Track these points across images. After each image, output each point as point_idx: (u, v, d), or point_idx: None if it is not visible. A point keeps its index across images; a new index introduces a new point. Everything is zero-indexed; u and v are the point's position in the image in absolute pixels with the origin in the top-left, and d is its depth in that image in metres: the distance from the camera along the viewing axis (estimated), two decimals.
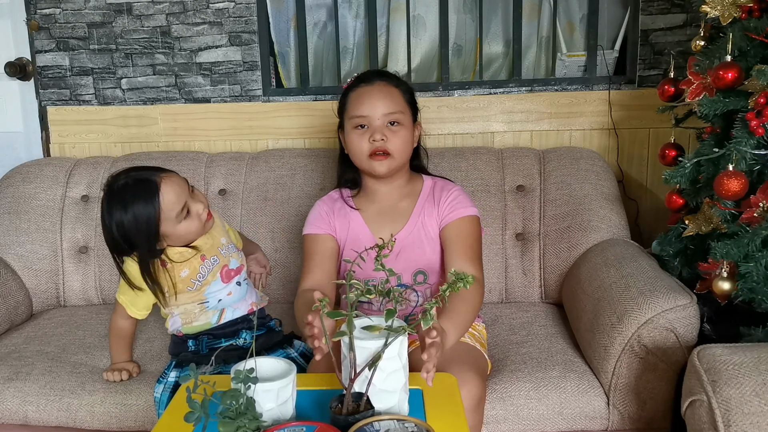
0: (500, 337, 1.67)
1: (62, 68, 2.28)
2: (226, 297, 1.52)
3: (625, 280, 1.51)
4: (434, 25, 2.27)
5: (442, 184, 1.56)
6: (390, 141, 1.43)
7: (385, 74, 1.53)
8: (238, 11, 2.18)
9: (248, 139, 2.25)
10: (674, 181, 1.56)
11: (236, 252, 1.58)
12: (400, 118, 1.46)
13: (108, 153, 2.29)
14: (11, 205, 2.03)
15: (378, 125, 1.44)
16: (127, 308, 1.49)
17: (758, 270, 1.34)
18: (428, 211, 1.51)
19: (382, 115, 1.44)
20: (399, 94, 1.48)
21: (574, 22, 2.26)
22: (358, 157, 1.47)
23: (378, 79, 1.48)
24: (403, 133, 1.46)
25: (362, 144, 1.45)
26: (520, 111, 2.17)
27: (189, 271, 1.47)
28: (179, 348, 1.54)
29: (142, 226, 1.37)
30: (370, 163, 1.45)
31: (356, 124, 1.46)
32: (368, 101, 1.45)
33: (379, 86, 1.47)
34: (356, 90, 1.48)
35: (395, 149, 1.44)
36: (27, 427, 1.54)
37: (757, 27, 1.42)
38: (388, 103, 1.45)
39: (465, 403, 1.18)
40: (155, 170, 1.42)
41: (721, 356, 1.13)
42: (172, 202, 1.38)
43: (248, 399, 0.95)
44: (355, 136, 1.46)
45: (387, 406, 1.03)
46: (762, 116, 1.35)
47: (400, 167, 1.50)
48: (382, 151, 1.44)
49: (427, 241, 1.49)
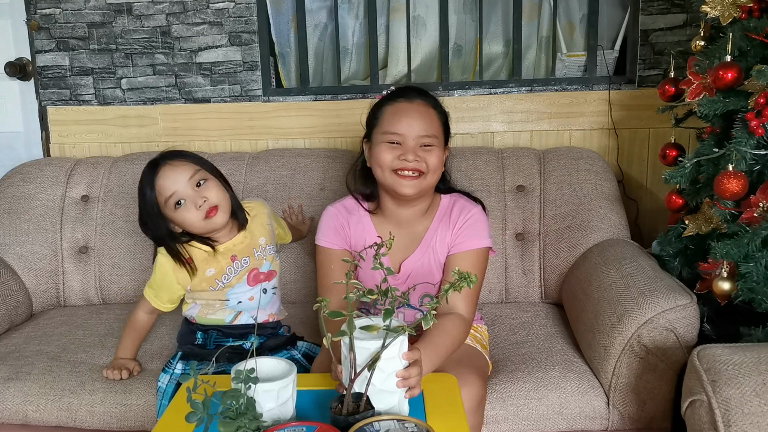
0: (500, 337, 1.67)
1: (62, 68, 2.28)
2: (247, 301, 1.50)
3: (625, 280, 1.51)
4: (434, 26, 2.27)
5: (461, 205, 1.48)
6: (423, 161, 1.37)
7: (424, 93, 1.44)
8: (238, 11, 2.18)
9: (248, 139, 2.25)
10: (674, 181, 1.56)
11: (273, 255, 1.55)
12: (434, 142, 1.39)
13: (108, 153, 2.29)
14: (11, 205, 2.03)
15: (411, 146, 1.37)
16: (152, 301, 1.50)
17: (758, 270, 1.34)
18: (441, 235, 1.45)
19: (417, 136, 1.37)
20: (436, 116, 1.42)
21: (574, 22, 2.26)
22: (383, 170, 1.39)
23: (418, 98, 1.41)
24: (437, 153, 1.39)
25: (391, 157, 1.37)
26: (520, 111, 2.17)
27: (215, 271, 1.46)
28: (187, 337, 1.53)
29: (147, 207, 1.43)
30: (395, 180, 1.38)
31: (389, 140, 1.38)
32: (406, 120, 1.37)
33: (419, 106, 1.40)
34: (394, 105, 1.40)
35: (427, 169, 1.37)
36: (27, 426, 1.54)
37: (757, 27, 1.42)
38: (426, 125, 1.38)
39: (465, 403, 1.18)
40: (171, 155, 1.45)
41: (721, 356, 1.13)
42: (163, 187, 1.41)
43: (249, 399, 0.95)
44: (385, 148, 1.38)
45: (387, 406, 1.03)
46: (762, 116, 1.35)
47: (428, 189, 1.43)
48: (414, 170, 1.36)
49: (437, 266, 1.45)
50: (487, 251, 1.45)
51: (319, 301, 1.01)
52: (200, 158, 1.48)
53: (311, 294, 1.92)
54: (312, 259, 1.90)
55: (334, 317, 0.99)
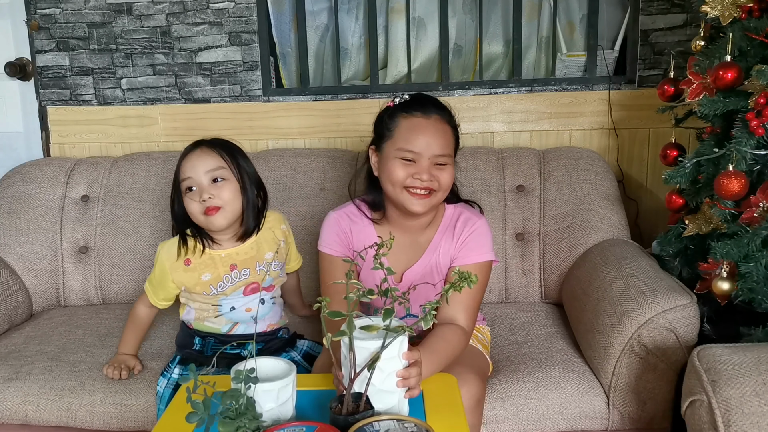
0: (500, 337, 1.67)
1: (62, 68, 2.28)
2: (243, 312, 1.50)
3: (625, 280, 1.51)
4: (434, 26, 2.27)
5: (465, 216, 1.46)
6: (436, 179, 1.35)
7: (440, 107, 1.40)
8: (238, 11, 2.18)
9: (248, 139, 2.25)
10: (674, 181, 1.56)
11: (278, 271, 1.53)
12: (449, 160, 1.37)
13: (108, 153, 2.29)
14: (11, 205, 2.03)
15: (426, 165, 1.34)
16: (149, 295, 1.52)
17: (758, 270, 1.34)
18: (444, 247, 1.44)
19: (432, 155, 1.34)
20: (451, 133, 1.39)
21: (574, 22, 2.26)
22: (393, 185, 1.36)
23: (435, 112, 1.37)
24: (450, 170, 1.37)
25: (403, 174, 1.34)
26: (520, 111, 2.17)
27: (211, 276, 1.46)
28: (186, 340, 1.53)
29: (175, 179, 1.48)
30: (406, 198, 1.35)
31: (404, 156, 1.34)
32: (423, 138, 1.33)
33: (435, 122, 1.36)
34: (410, 119, 1.36)
35: (439, 187, 1.35)
36: (27, 426, 1.54)
37: (757, 27, 1.42)
38: (442, 144, 1.35)
39: (464, 403, 1.18)
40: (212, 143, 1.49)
41: (721, 356, 1.13)
42: (184, 168, 1.44)
43: (248, 399, 0.95)
44: (399, 165, 1.35)
45: (387, 406, 1.03)
46: (762, 116, 1.35)
47: (438, 205, 1.42)
48: (426, 189, 1.34)
49: (438, 276, 1.45)
50: (489, 264, 1.44)
51: (319, 300, 1.00)
52: (236, 158, 1.48)
53: (313, 296, 1.91)
54: (314, 259, 1.90)
55: (334, 317, 0.99)
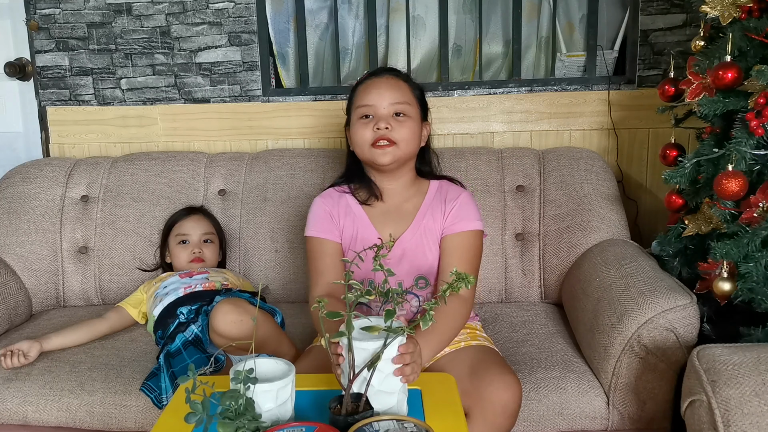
0: (500, 337, 1.67)
1: (62, 68, 2.28)
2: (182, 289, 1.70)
3: (625, 280, 1.51)
4: (434, 26, 2.27)
5: (448, 188, 1.52)
6: (395, 130, 1.41)
7: (395, 70, 1.52)
8: (238, 11, 2.18)
9: (248, 139, 2.25)
10: (674, 181, 1.56)
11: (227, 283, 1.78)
12: (407, 109, 1.43)
13: (108, 153, 2.29)
14: (11, 205, 2.03)
15: (383, 114, 1.42)
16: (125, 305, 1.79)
17: (758, 270, 1.34)
18: (432, 214, 1.47)
19: (388, 104, 1.42)
20: (408, 88, 1.47)
21: (573, 23, 2.26)
22: (361, 147, 1.44)
23: (387, 73, 1.48)
24: (410, 124, 1.43)
25: (366, 133, 1.42)
26: (520, 111, 2.17)
27: None
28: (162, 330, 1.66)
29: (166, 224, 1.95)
30: (372, 152, 1.42)
31: (362, 114, 1.44)
32: (375, 90, 1.44)
33: (388, 78, 1.46)
34: (365, 83, 1.48)
35: (401, 138, 1.41)
36: (27, 427, 1.54)
37: (756, 27, 1.42)
38: (395, 93, 1.43)
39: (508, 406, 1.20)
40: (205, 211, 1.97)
41: (720, 356, 1.13)
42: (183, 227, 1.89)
43: (247, 399, 0.95)
44: (360, 125, 1.44)
45: (386, 407, 1.03)
46: (762, 116, 1.34)
47: (405, 159, 1.47)
48: (387, 139, 1.41)
49: (429, 245, 1.47)
50: (480, 233, 1.47)
51: (318, 302, 1.00)
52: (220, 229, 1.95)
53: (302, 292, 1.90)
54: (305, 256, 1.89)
55: (332, 318, 0.99)
